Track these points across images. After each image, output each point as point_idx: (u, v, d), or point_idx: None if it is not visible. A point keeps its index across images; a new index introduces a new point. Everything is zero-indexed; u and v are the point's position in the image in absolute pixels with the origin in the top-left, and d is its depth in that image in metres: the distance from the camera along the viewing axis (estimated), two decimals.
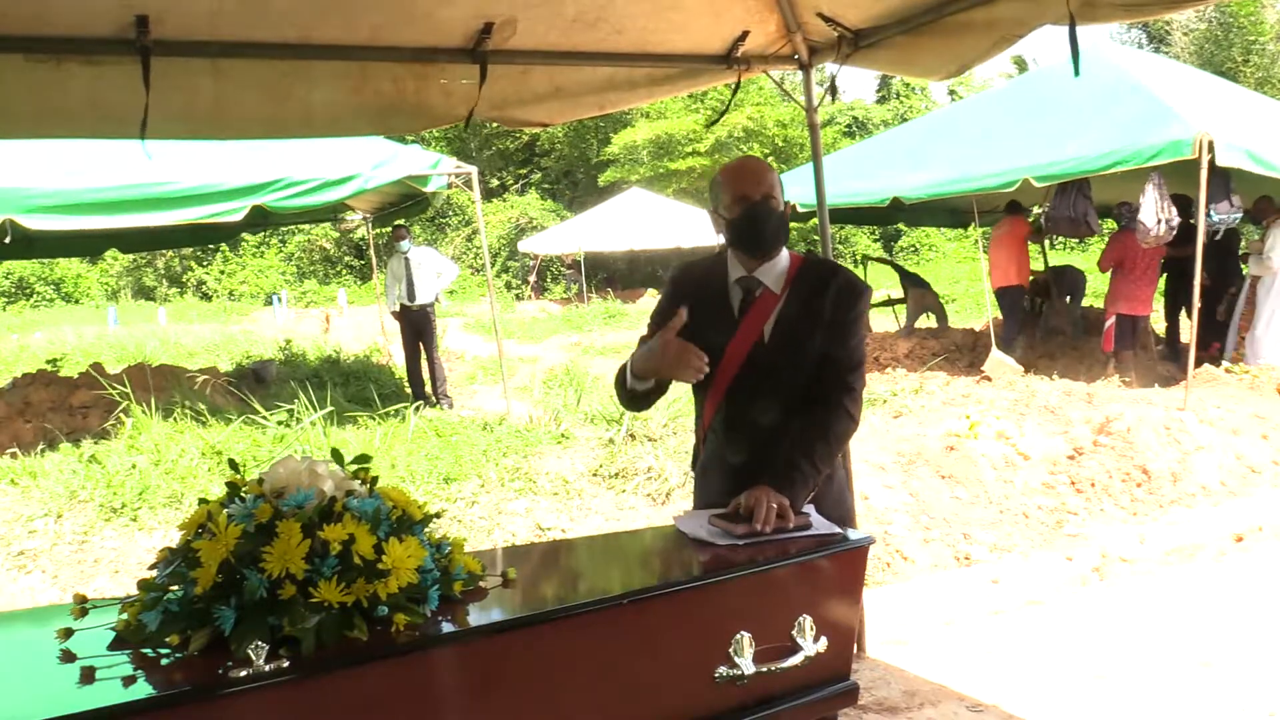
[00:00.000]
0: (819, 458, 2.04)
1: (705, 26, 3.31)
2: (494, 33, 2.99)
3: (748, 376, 2.15)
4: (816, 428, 2.07)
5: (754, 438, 2.17)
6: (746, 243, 2.16)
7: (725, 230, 2.19)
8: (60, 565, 4.79)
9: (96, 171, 6.51)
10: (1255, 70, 22.77)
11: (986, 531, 5.07)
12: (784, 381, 2.14)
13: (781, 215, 2.16)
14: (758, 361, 2.15)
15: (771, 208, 2.13)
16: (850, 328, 2.14)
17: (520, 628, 1.49)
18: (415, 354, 9.13)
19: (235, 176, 6.85)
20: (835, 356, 2.11)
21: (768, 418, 2.14)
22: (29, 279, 24.52)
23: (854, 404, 2.11)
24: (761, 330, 2.16)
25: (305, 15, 2.81)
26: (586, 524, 5.18)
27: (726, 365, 2.16)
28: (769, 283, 2.17)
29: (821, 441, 2.05)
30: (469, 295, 23.02)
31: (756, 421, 2.16)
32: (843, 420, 2.09)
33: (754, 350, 2.15)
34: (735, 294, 2.21)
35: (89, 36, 2.65)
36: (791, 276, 2.18)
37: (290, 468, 1.49)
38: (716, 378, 2.16)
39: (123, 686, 1.29)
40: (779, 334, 2.14)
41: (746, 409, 2.17)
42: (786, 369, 2.13)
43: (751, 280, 2.18)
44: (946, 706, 3.26)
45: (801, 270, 2.19)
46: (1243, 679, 3.37)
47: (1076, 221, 8.46)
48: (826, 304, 2.13)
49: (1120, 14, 2.72)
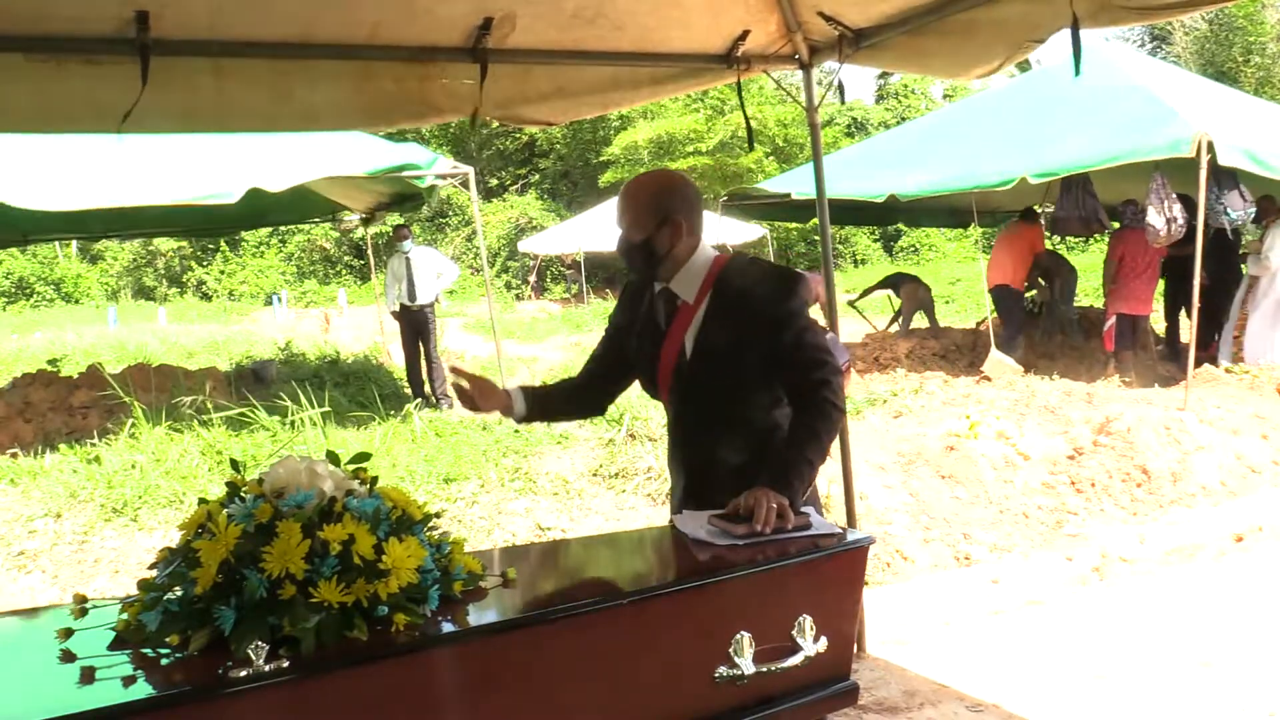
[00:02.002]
0: (811, 453, 2.02)
1: (705, 25, 3.31)
2: (493, 28, 2.99)
3: (677, 386, 2.18)
4: (804, 426, 2.06)
5: (696, 441, 2.21)
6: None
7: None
8: (60, 565, 4.79)
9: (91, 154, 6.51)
10: (1256, 70, 22.77)
11: (986, 531, 5.07)
12: (713, 392, 2.14)
13: (637, 245, 2.13)
14: (682, 372, 2.16)
15: (625, 239, 2.15)
16: (787, 321, 2.06)
17: (520, 628, 1.49)
18: (415, 354, 9.13)
19: (229, 163, 6.86)
20: (790, 356, 2.06)
21: (706, 427, 2.17)
22: (29, 279, 24.50)
23: (834, 394, 2.06)
24: (682, 342, 2.15)
25: (305, 13, 2.81)
26: (586, 524, 5.18)
27: (661, 375, 2.20)
28: (683, 294, 2.16)
29: (811, 438, 2.03)
30: (469, 295, 23.00)
31: (694, 427, 2.21)
32: (826, 414, 2.05)
33: (679, 362, 2.16)
34: (659, 305, 2.21)
35: (89, 35, 2.64)
36: (709, 285, 2.14)
37: (290, 468, 1.49)
38: (658, 386, 2.22)
39: (123, 686, 1.29)
40: (699, 345, 2.13)
41: (683, 416, 2.22)
42: (712, 379, 2.13)
43: (668, 293, 2.18)
44: (946, 706, 3.26)
45: (720, 277, 2.14)
46: (1243, 679, 3.37)
47: (1087, 219, 8.44)
48: (751, 306, 2.08)
49: (1132, 16, 2.72)
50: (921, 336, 10.56)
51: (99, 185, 6.64)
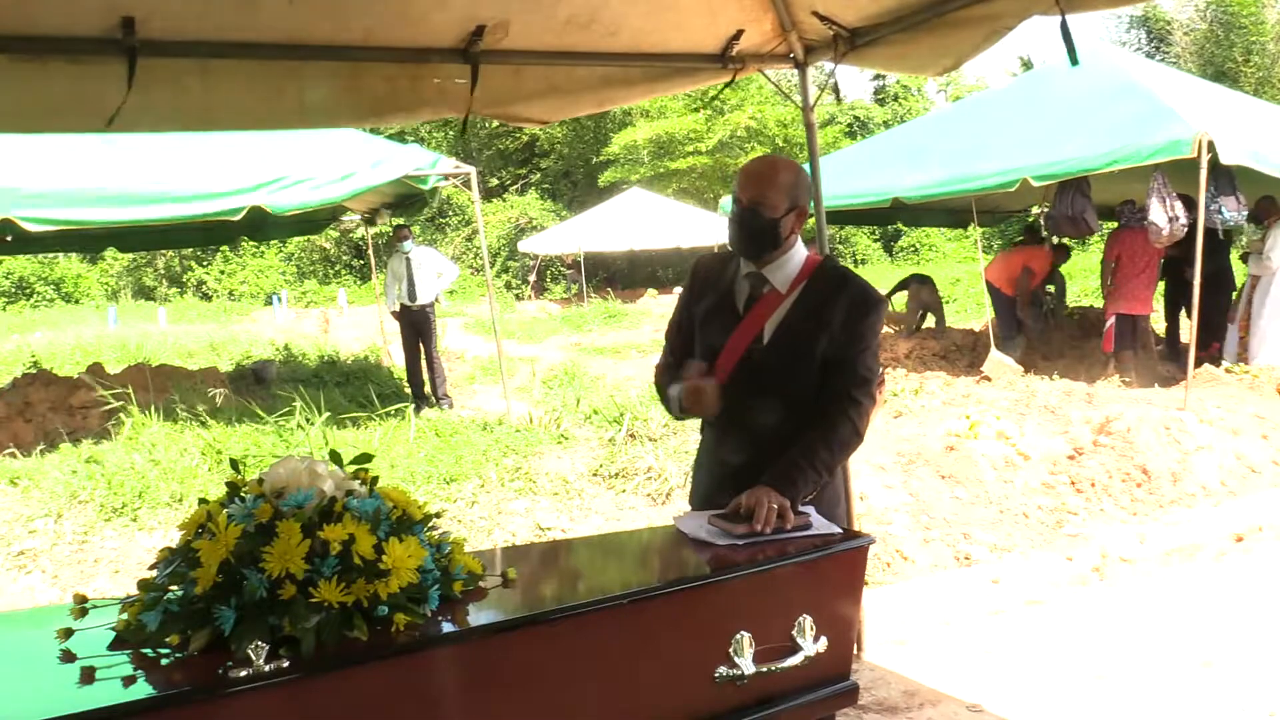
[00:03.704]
0: (820, 463, 2.02)
1: (700, 25, 3.31)
2: (486, 35, 2.99)
3: (742, 374, 2.13)
4: (820, 433, 2.05)
5: (744, 438, 2.15)
6: (732, 243, 2.18)
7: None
8: (60, 565, 4.79)
9: (95, 169, 6.51)
10: (1256, 71, 22.74)
11: (986, 531, 5.06)
12: (778, 383, 2.12)
13: (766, 223, 2.11)
14: (753, 359, 2.13)
15: (756, 213, 2.10)
16: (859, 338, 2.10)
17: (520, 628, 1.49)
18: (415, 354, 9.13)
19: (233, 175, 6.86)
20: (842, 366, 2.09)
21: (760, 418, 2.12)
22: (29, 279, 24.48)
23: (859, 417, 2.07)
24: (762, 328, 2.14)
25: (297, 18, 2.79)
26: (586, 524, 5.18)
27: (723, 361, 2.14)
28: (776, 281, 2.16)
29: (824, 448, 2.03)
30: (469, 295, 23.00)
31: (748, 421, 2.14)
32: (846, 430, 2.06)
33: (751, 348, 2.13)
34: (742, 290, 2.19)
35: (75, 36, 2.63)
36: (802, 278, 2.16)
37: (290, 468, 1.49)
38: (715, 372, 2.14)
39: (123, 686, 1.29)
40: (779, 334, 2.13)
41: (739, 407, 2.14)
42: (781, 370, 2.11)
43: (758, 277, 2.17)
44: (946, 706, 3.26)
45: (815, 274, 2.17)
46: (1243, 679, 3.37)
47: (1076, 220, 8.46)
48: (836, 311, 2.10)
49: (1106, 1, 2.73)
50: (922, 336, 10.57)
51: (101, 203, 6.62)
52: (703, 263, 2.34)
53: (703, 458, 2.33)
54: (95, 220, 6.77)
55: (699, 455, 2.35)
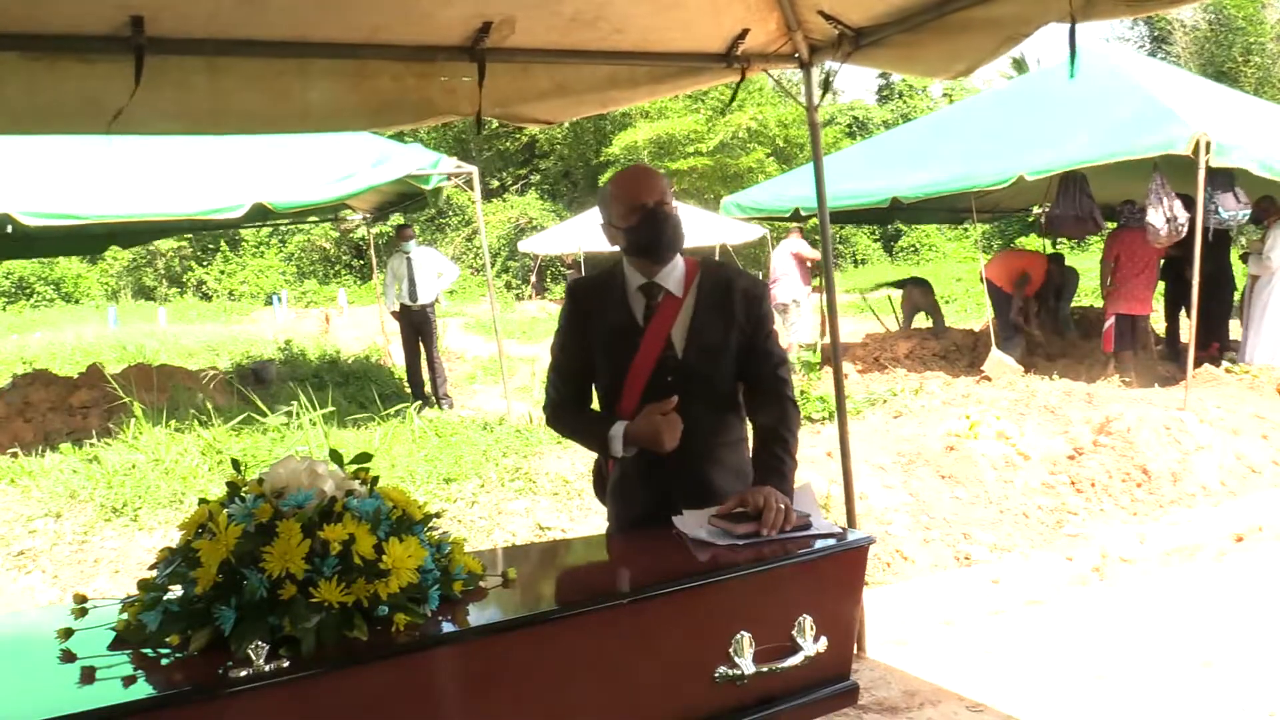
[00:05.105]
0: (792, 449, 2.11)
1: (705, 25, 3.31)
2: (492, 32, 2.99)
3: (659, 385, 2.10)
4: (781, 424, 2.12)
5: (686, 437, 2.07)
6: (646, 249, 2.12)
7: (622, 240, 2.14)
8: (60, 565, 4.79)
9: (96, 166, 6.52)
10: (1256, 70, 22.74)
11: (986, 531, 5.06)
12: (701, 385, 2.12)
13: (676, 219, 2.13)
14: (668, 368, 2.11)
15: (667, 212, 2.12)
16: (762, 324, 2.17)
17: (520, 628, 1.49)
18: (415, 354, 9.13)
19: (236, 172, 6.87)
20: (758, 354, 2.15)
21: (688, 424, 2.06)
22: (29, 279, 24.47)
23: (793, 393, 2.19)
24: (668, 336, 2.13)
25: (303, 15, 2.80)
26: (586, 524, 5.18)
27: (634, 377, 2.11)
28: (670, 285, 2.16)
29: (787, 432, 2.12)
30: (469, 295, 23.00)
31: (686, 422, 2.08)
32: (791, 410, 2.16)
33: (663, 358, 2.11)
34: (638, 302, 2.16)
35: (84, 34, 2.64)
36: (691, 279, 2.17)
37: (290, 468, 1.49)
38: (624, 391, 2.13)
39: (123, 686, 1.29)
40: (692, 338, 2.12)
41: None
42: (702, 372, 2.12)
43: (651, 286, 2.15)
44: (946, 706, 3.26)
45: (702, 273, 2.18)
46: (1243, 679, 3.37)
47: (1083, 219, 8.44)
48: (736, 304, 2.14)
49: (1122, 10, 2.72)
50: (922, 337, 10.57)
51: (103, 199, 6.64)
52: (581, 285, 2.28)
53: (629, 480, 2.21)
54: (95, 216, 6.77)
55: (620, 479, 2.23)
